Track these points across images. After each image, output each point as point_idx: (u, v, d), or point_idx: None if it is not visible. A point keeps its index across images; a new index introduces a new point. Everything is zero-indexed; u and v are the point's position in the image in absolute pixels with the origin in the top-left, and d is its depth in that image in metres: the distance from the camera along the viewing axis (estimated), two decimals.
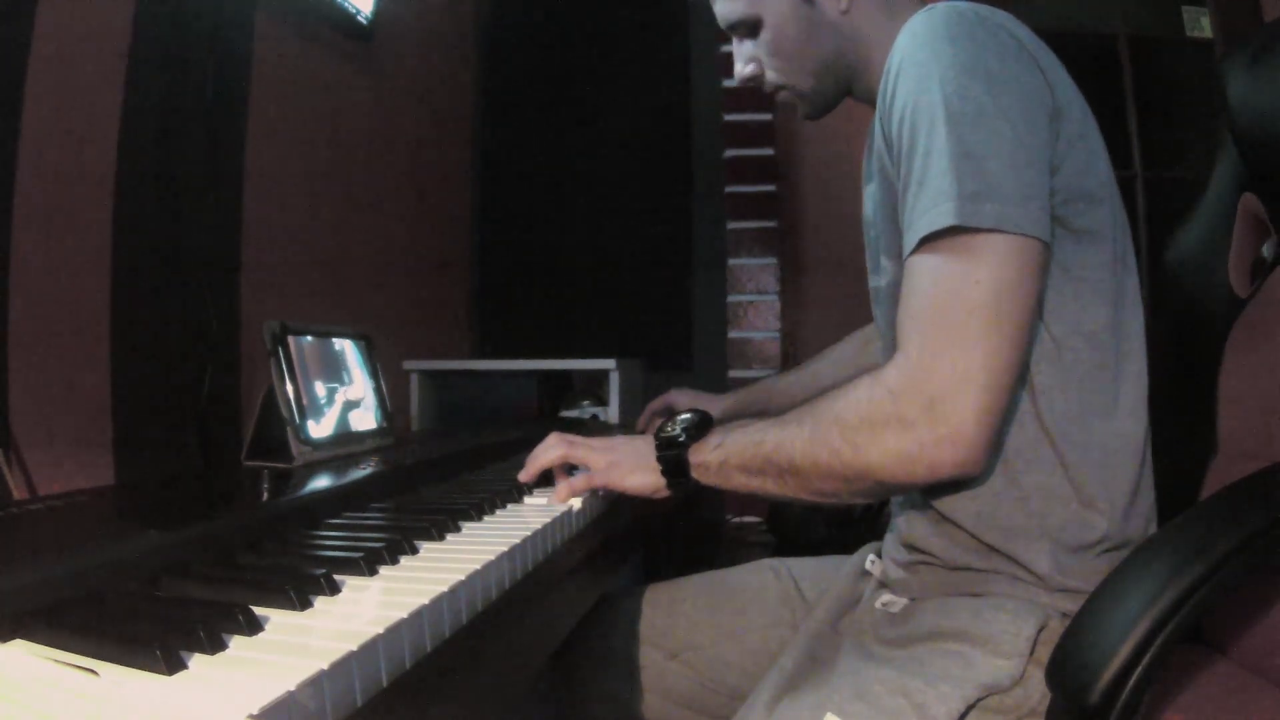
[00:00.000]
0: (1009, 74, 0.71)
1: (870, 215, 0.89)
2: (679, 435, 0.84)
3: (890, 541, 0.87)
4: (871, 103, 0.91)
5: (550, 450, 0.90)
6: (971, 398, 0.66)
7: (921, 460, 0.68)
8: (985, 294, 0.66)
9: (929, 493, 0.78)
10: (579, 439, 0.90)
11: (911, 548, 0.82)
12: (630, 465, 0.86)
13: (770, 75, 0.92)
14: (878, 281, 0.88)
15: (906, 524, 0.83)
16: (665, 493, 0.85)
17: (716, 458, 0.81)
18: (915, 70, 0.72)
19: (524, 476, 0.91)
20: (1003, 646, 0.69)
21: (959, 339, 0.67)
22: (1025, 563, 0.73)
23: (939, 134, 0.69)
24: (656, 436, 0.85)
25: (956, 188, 0.67)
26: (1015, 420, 0.73)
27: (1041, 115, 0.71)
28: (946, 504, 0.77)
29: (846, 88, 0.93)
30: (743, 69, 0.94)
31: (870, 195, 0.89)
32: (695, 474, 0.83)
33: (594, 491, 0.89)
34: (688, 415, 0.86)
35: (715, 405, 1.25)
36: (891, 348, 0.79)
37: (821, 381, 1.20)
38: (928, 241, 0.69)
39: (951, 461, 0.67)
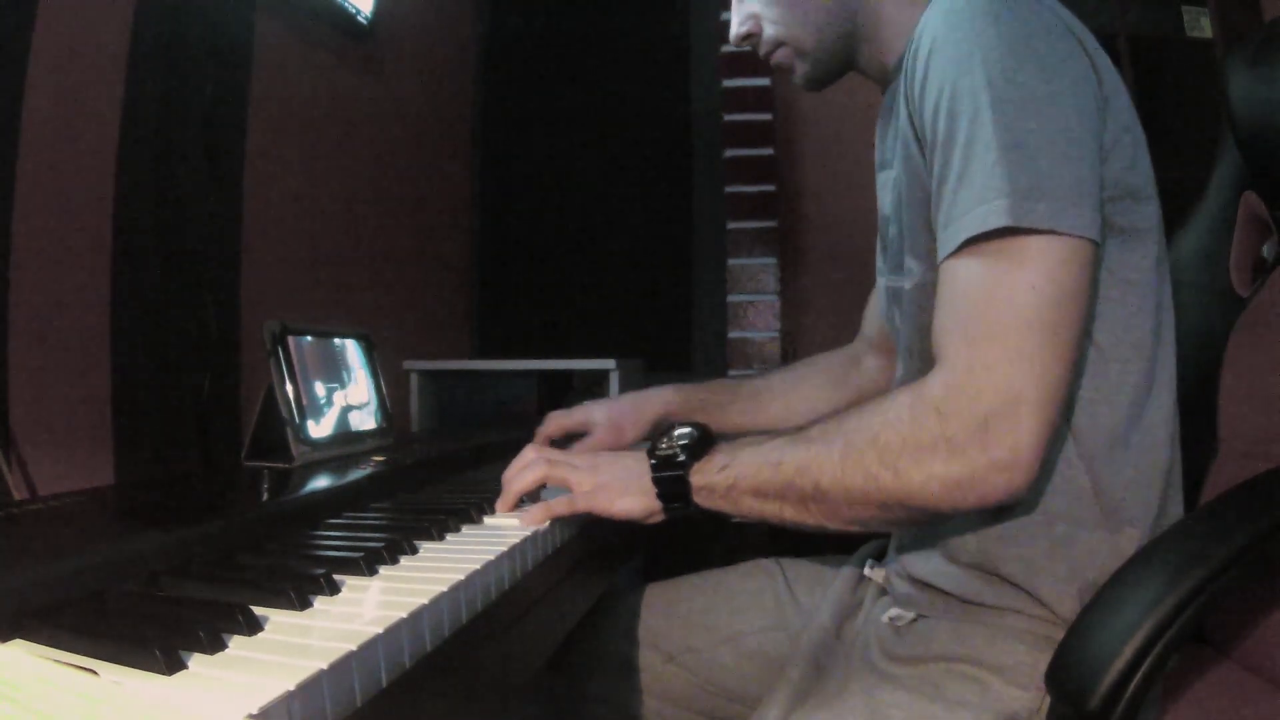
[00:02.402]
0: (1058, 56, 0.65)
1: (889, 210, 0.82)
2: (678, 454, 0.75)
3: (893, 551, 0.84)
4: (877, 76, 0.85)
5: (529, 471, 0.81)
6: (1028, 417, 0.60)
7: (972, 487, 0.61)
8: (1042, 301, 0.61)
9: (937, 520, 0.72)
10: (560, 455, 0.82)
11: (914, 578, 0.78)
12: (620, 487, 0.77)
13: (769, 30, 0.83)
14: (898, 282, 0.80)
15: (910, 556, 0.78)
16: (659, 518, 0.77)
17: (724, 480, 0.73)
18: (954, 50, 0.65)
19: (502, 506, 0.81)
20: (1020, 678, 0.67)
21: (1013, 351, 0.60)
22: (1047, 601, 0.69)
23: (984, 122, 0.62)
24: (651, 454, 0.77)
25: (1008, 183, 0.61)
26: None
27: (1091, 103, 0.65)
28: (957, 534, 0.72)
29: (852, 53, 0.84)
30: (738, 29, 0.85)
31: (889, 184, 0.81)
32: (698, 498, 0.75)
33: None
34: (686, 430, 0.77)
35: (650, 405, 1.05)
36: (918, 355, 0.76)
37: (801, 393, 1.09)
38: (973, 242, 0.63)
39: (1005, 487, 0.61)
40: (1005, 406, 0.60)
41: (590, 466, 0.80)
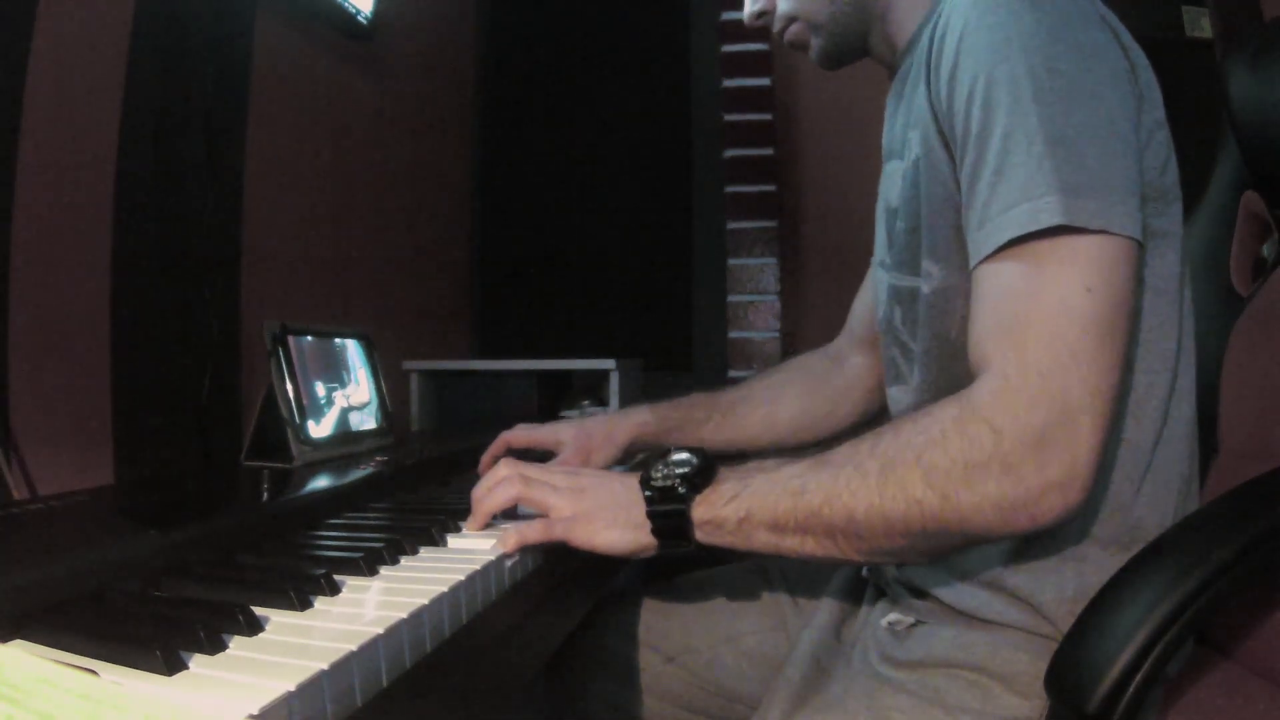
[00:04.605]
0: (1096, 46, 0.62)
1: (896, 202, 0.78)
2: (677, 485, 0.67)
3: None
4: (887, 58, 0.84)
5: (501, 489, 0.72)
6: (1086, 429, 0.56)
7: (1025, 509, 0.57)
8: (1099, 305, 0.57)
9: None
10: (538, 473, 0.73)
11: (913, 586, 0.76)
12: (605, 518, 0.69)
13: (783, 6, 0.82)
14: (909, 282, 0.76)
15: (906, 568, 0.76)
16: (651, 554, 0.69)
17: (733, 512, 0.66)
18: (988, 36, 0.61)
19: (471, 527, 0.73)
20: (1021, 687, 0.65)
21: (1069, 357, 0.56)
22: (1051, 618, 0.67)
23: (1025, 114, 0.58)
24: (645, 485, 0.68)
25: (1057, 179, 0.57)
26: None
27: (1130, 97, 0.63)
28: (960, 552, 0.69)
29: (866, 30, 0.81)
30: (752, 6, 0.85)
31: (898, 175, 0.77)
32: (700, 534, 0.67)
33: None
34: (684, 455, 0.70)
35: (623, 427, 0.98)
36: (938, 360, 0.73)
37: (782, 401, 1.04)
38: (1017, 242, 0.58)
39: (1061, 507, 0.57)
40: (1063, 417, 0.56)
41: (573, 489, 0.71)
